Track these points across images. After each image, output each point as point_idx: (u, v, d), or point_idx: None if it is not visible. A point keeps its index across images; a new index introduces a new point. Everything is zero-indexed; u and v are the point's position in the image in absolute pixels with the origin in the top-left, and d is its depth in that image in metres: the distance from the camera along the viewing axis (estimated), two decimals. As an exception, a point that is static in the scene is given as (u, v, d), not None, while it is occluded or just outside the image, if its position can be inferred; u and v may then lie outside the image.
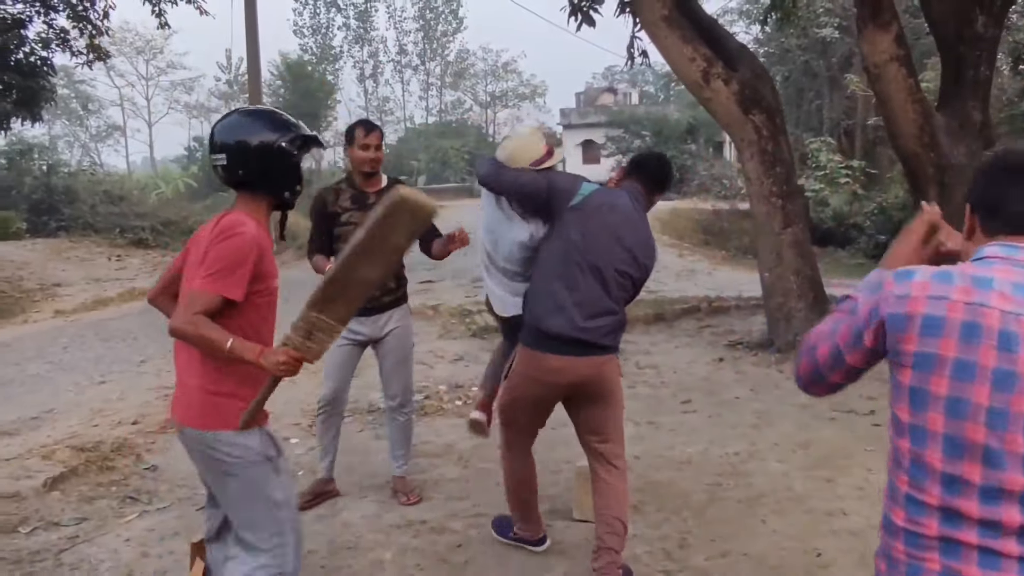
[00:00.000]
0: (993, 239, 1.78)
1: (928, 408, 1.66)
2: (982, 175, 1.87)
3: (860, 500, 4.77)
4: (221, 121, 2.95)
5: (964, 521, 1.63)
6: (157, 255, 18.18)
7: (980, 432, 1.60)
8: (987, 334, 1.61)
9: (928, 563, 1.67)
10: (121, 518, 4.76)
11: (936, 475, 1.65)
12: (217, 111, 62.43)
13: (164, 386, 7.18)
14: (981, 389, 1.61)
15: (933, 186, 7.96)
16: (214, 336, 2.65)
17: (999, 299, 1.62)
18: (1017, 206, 1.76)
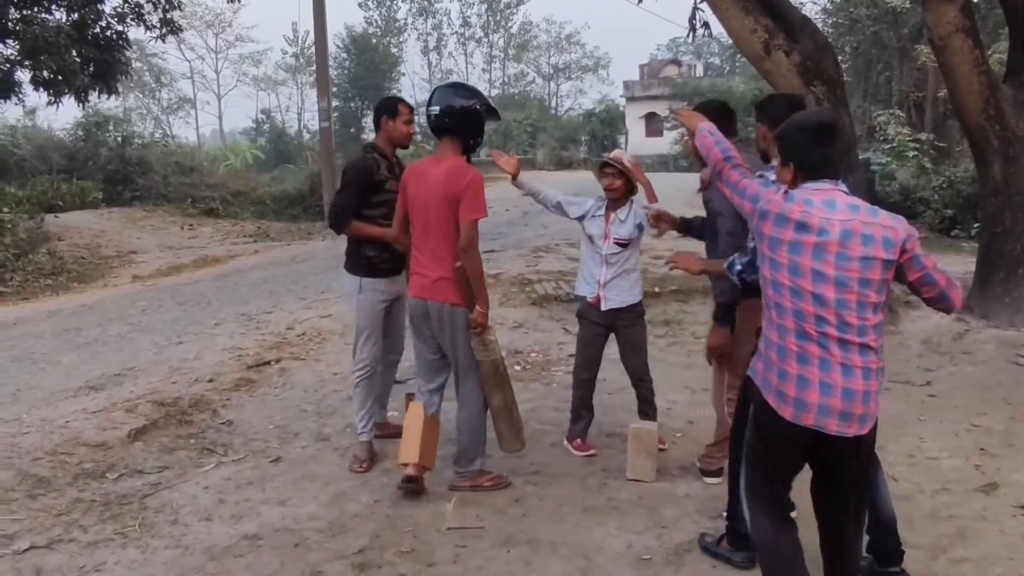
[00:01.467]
0: (804, 182, 2.96)
1: (779, 269, 2.91)
2: (789, 136, 3.03)
3: (910, 467, 4.86)
4: (441, 86, 4.49)
5: (803, 336, 2.85)
6: (228, 224, 18.66)
7: (808, 283, 2.83)
8: (812, 228, 2.83)
9: (788, 367, 2.90)
10: (199, 468, 5.07)
11: (788, 310, 2.88)
12: (284, 84, 63.41)
13: (237, 347, 7.50)
14: (805, 258, 2.84)
15: (998, 158, 7.88)
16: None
17: (818, 210, 2.85)
18: (816, 167, 2.95)
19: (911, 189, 17.17)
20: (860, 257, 2.78)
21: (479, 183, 4.26)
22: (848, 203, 2.87)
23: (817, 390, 2.82)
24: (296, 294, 9.91)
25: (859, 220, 2.82)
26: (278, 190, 23.18)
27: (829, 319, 2.80)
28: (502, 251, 11.91)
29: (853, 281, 2.79)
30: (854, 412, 2.82)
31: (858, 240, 2.79)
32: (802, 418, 2.85)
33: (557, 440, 5.43)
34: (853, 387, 2.81)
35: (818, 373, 2.82)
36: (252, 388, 6.50)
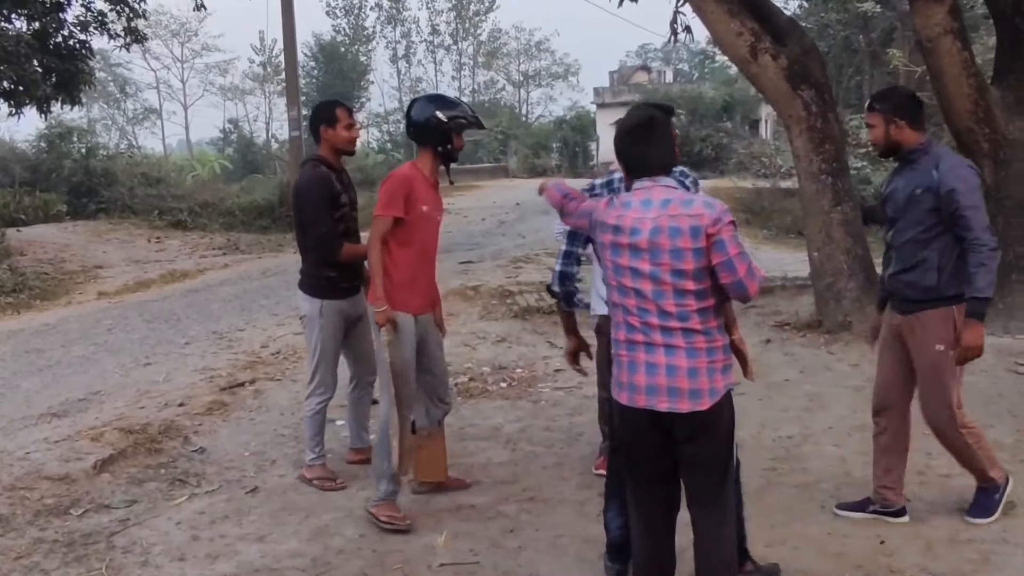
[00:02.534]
0: (634, 183, 3.06)
1: (605, 270, 3.07)
2: (616, 137, 3.11)
3: (922, 486, 4.65)
4: (416, 99, 4.57)
5: (631, 328, 2.97)
6: (196, 237, 18.23)
7: (628, 280, 2.95)
8: (624, 229, 2.95)
9: (621, 355, 3.02)
10: (171, 501, 4.76)
11: (619, 308, 3.02)
12: (252, 93, 62.83)
13: (209, 368, 7.18)
14: (624, 257, 2.95)
15: (988, 162, 7.72)
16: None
17: (633, 212, 2.95)
18: (634, 165, 3.06)
19: (887, 193, 17.13)
20: (670, 251, 2.88)
21: (389, 181, 4.34)
22: (663, 198, 2.95)
23: (644, 372, 2.95)
24: (269, 309, 9.58)
25: (667, 215, 2.90)
26: (247, 201, 22.74)
27: (650, 309, 2.93)
28: (480, 262, 11.66)
29: (666, 274, 2.89)
30: (681, 387, 2.90)
31: (666, 235, 2.88)
32: (636, 400, 2.96)
33: (549, 463, 5.16)
34: (676, 364, 2.91)
35: (643, 356, 2.95)
36: (226, 412, 6.18)
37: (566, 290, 3.74)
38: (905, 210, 4.06)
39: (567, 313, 3.86)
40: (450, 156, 4.49)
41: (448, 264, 11.77)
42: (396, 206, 4.25)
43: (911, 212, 4.03)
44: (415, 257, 4.39)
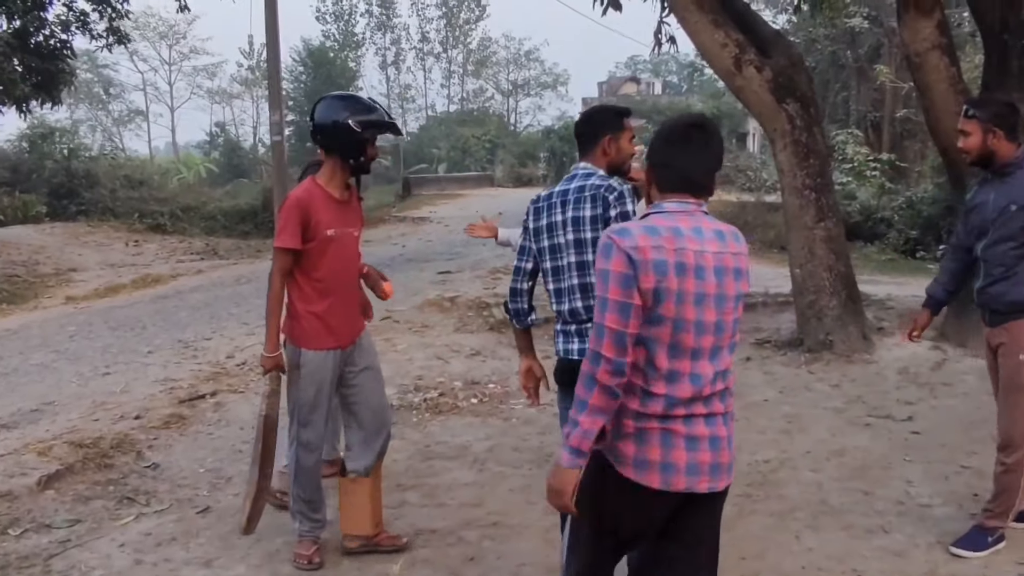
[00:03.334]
0: (666, 196, 2.45)
1: (659, 325, 2.31)
2: (655, 140, 2.51)
3: (901, 516, 4.46)
4: (320, 99, 3.92)
5: (673, 401, 2.35)
6: (175, 241, 18.01)
7: (690, 339, 2.33)
8: (688, 269, 2.31)
9: (650, 430, 2.36)
10: (117, 520, 4.53)
11: (662, 372, 2.34)
12: (239, 97, 62.57)
13: (170, 378, 6.94)
14: (689, 308, 2.31)
15: (974, 179, 7.58)
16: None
17: (690, 242, 2.33)
18: (681, 171, 2.44)
19: (872, 209, 17.04)
20: (735, 297, 2.48)
21: (287, 206, 3.79)
22: (715, 229, 2.47)
23: (683, 447, 2.44)
24: (239, 318, 9.34)
25: (729, 252, 2.47)
26: (230, 205, 22.55)
27: (704, 374, 2.48)
28: (459, 272, 11.46)
29: (729, 326, 2.50)
30: (723, 462, 2.48)
31: (731, 277, 2.46)
32: (673, 483, 2.42)
33: (517, 485, 4.96)
34: (718, 434, 2.48)
35: (683, 429, 2.43)
36: (183, 426, 5.95)
37: (517, 307, 3.54)
38: (997, 224, 3.94)
39: (519, 331, 3.65)
40: (362, 168, 3.90)
41: (426, 274, 11.60)
42: (290, 236, 3.72)
43: (1004, 227, 3.92)
44: (327, 287, 3.84)
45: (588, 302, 3.27)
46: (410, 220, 20.88)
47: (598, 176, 3.36)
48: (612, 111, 3.59)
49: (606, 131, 3.46)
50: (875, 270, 13.09)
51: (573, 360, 3.34)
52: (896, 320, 8.57)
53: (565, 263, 3.33)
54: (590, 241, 3.25)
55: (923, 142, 20.56)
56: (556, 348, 3.44)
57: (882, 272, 12.94)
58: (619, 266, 2.30)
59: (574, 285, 3.31)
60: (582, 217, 3.28)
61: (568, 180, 3.41)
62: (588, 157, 3.45)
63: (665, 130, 2.53)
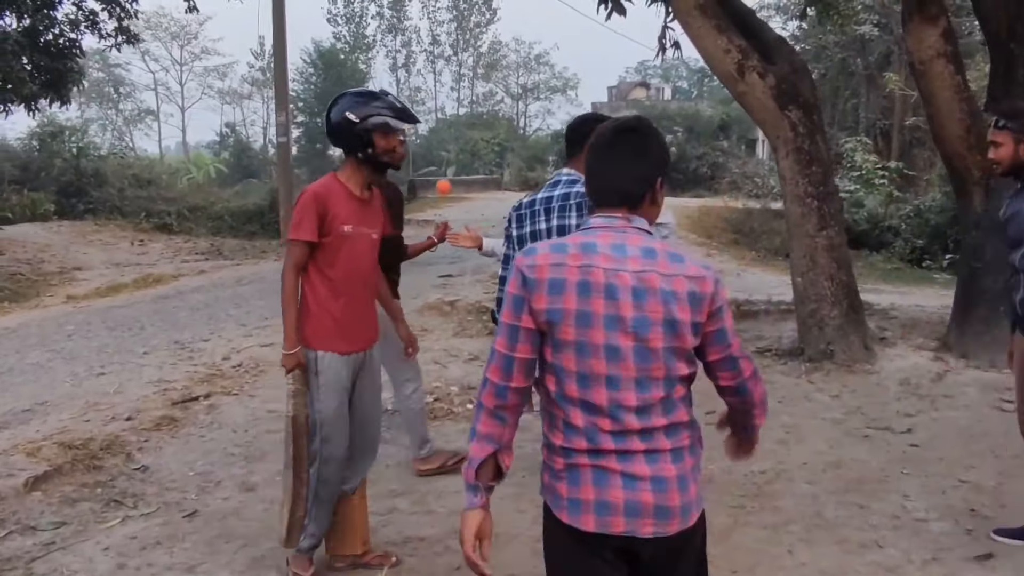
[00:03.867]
0: (599, 210, 2.22)
1: (562, 351, 2.10)
2: (587, 152, 2.27)
3: (896, 531, 4.40)
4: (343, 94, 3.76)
5: (594, 433, 2.09)
6: (180, 240, 18.00)
7: (601, 365, 2.07)
8: (595, 288, 2.06)
9: (580, 467, 2.10)
10: (102, 523, 4.50)
11: (576, 402, 2.10)
12: (249, 98, 62.71)
13: (164, 379, 6.91)
14: (597, 332, 2.06)
15: (979, 189, 7.52)
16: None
17: (603, 259, 2.09)
18: (608, 185, 2.20)
19: (879, 217, 16.96)
20: (665, 322, 2.14)
21: (304, 198, 3.65)
22: (643, 246, 2.17)
23: (620, 486, 2.15)
24: (237, 319, 9.31)
25: (657, 271, 2.15)
26: (237, 205, 22.56)
27: (627, 405, 2.17)
28: (460, 276, 11.42)
29: (658, 354, 2.16)
30: (671, 505, 2.15)
31: (658, 299, 2.13)
32: (610, 525, 2.14)
33: (508, 493, 4.88)
34: (663, 474, 2.16)
35: (617, 465, 2.15)
36: (175, 428, 5.91)
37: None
38: None
39: None
40: (376, 162, 3.70)
41: (427, 277, 11.54)
42: (307, 228, 3.57)
43: None
44: (340, 286, 3.68)
45: None
46: (415, 223, 20.78)
47: (583, 183, 3.30)
48: (601, 120, 3.57)
49: None
50: (880, 279, 13.01)
51: None
52: (899, 330, 8.50)
53: None
54: None
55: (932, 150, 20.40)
56: None
57: (887, 281, 12.86)
58: (513, 287, 2.14)
59: None
60: (568, 226, 3.21)
61: (551, 186, 3.35)
62: (575, 163, 3.39)
63: (593, 138, 2.26)
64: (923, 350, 7.78)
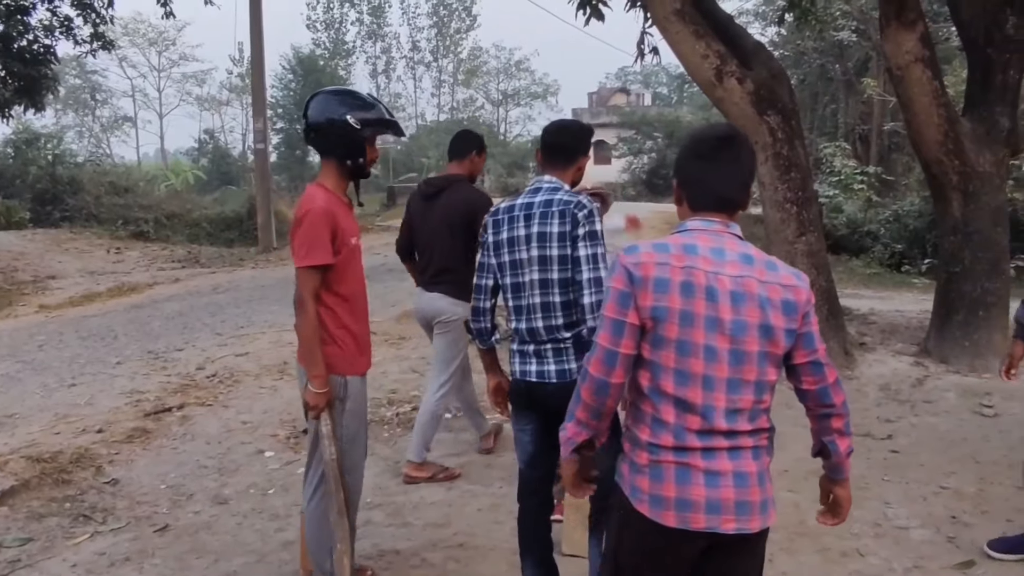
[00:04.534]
0: (696, 214, 2.29)
1: (662, 348, 2.15)
2: (684, 156, 2.35)
3: (878, 539, 4.36)
4: (318, 93, 3.51)
5: (682, 432, 2.16)
6: (157, 248, 17.82)
7: (699, 365, 2.14)
8: (697, 289, 2.13)
9: (664, 464, 2.17)
10: (71, 539, 4.39)
11: (670, 399, 2.16)
12: (228, 104, 62.41)
13: (137, 390, 6.79)
14: (698, 332, 2.13)
15: (957, 195, 7.52)
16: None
17: (703, 262, 2.16)
18: (711, 191, 2.27)
19: (859, 222, 17.01)
20: (760, 327, 2.23)
21: (313, 218, 3.29)
22: (741, 252, 2.27)
23: (702, 482, 2.23)
24: (212, 328, 9.19)
25: (755, 277, 2.25)
26: (215, 212, 22.37)
27: (718, 406, 2.25)
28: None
29: (753, 358, 2.25)
30: (752, 500, 2.23)
31: (756, 304, 2.24)
32: (691, 521, 2.20)
33: (486, 504, 4.83)
34: (745, 469, 2.25)
35: (701, 463, 2.23)
36: (147, 440, 5.80)
37: (480, 326, 3.41)
38: None
39: (484, 351, 3.52)
40: (361, 172, 3.53)
41: (406, 284, 11.40)
42: (323, 251, 3.29)
43: None
44: (353, 303, 3.47)
45: (550, 322, 3.14)
46: (393, 229, 20.66)
47: (565, 191, 3.23)
48: (590, 131, 3.55)
49: (585, 151, 3.42)
50: (859, 284, 13.03)
51: (530, 382, 3.22)
52: (878, 335, 8.49)
53: (527, 280, 3.19)
54: (556, 258, 3.12)
55: (910, 155, 20.53)
56: (511, 368, 3.31)
57: (866, 286, 12.88)
58: (619, 283, 2.19)
59: (535, 304, 3.18)
60: (549, 233, 3.15)
61: (532, 193, 3.28)
62: (557, 171, 3.32)
63: (693, 144, 2.35)
64: (903, 355, 7.77)
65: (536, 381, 3.20)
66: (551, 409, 3.08)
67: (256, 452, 5.63)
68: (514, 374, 3.29)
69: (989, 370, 7.20)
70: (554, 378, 3.17)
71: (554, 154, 3.36)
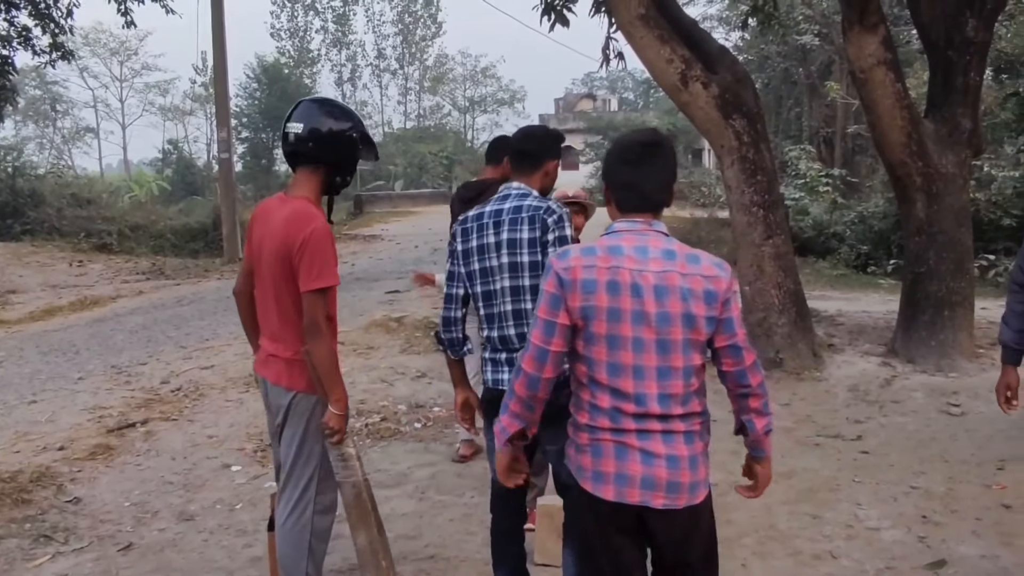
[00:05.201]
0: (623, 215, 2.48)
1: (594, 343, 2.36)
2: (611, 161, 2.54)
3: (850, 540, 4.36)
4: (307, 100, 3.37)
5: (617, 414, 2.36)
6: (121, 261, 17.53)
7: (629, 356, 2.34)
8: (623, 287, 2.33)
9: (603, 442, 2.38)
10: (31, 561, 4.27)
11: (605, 388, 2.37)
12: (192, 114, 61.87)
13: (100, 406, 6.66)
14: (625, 326, 2.33)
15: (921, 196, 7.59)
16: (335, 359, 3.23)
17: (628, 261, 2.36)
18: (631, 195, 2.48)
19: (824, 224, 17.13)
20: (683, 316, 2.45)
21: (323, 237, 3.14)
22: (663, 248, 2.46)
23: (639, 460, 2.42)
24: (177, 341, 9.04)
25: (677, 271, 2.43)
26: (180, 223, 22.05)
27: (649, 393, 2.48)
28: (407, 292, 11.24)
29: (677, 347, 2.48)
30: (682, 481, 2.41)
31: (677, 297, 2.45)
32: (626, 495, 2.39)
33: (457, 515, 4.78)
34: (677, 453, 2.44)
35: (636, 443, 2.43)
36: (110, 457, 5.67)
37: (451, 337, 3.36)
38: None
39: (453, 362, 3.46)
40: (344, 187, 3.45)
41: (374, 293, 11.39)
42: (334, 270, 3.20)
43: None
44: (335, 321, 3.35)
45: (521, 329, 3.09)
46: (361, 238, 20.62)
47: (534, 197, 3.20)
48: (558, 137, 3.48)
49: (552, 156, 3.35)
50: (826, 285, 13.11)
51: (503, 391, 3.18)
52: (846, 336, 8.54)
53: (498, 287, 3.15)
54: (527, 264, 3.08)
55: (874, 157, 20.74)
56: (484, 377, 3.26)
57: (833, 287, 12.96)
58: (550, 287, 2.38)
59: (507, 311, 3.14)
60: (519, 239, 3.11)
61: (501, 199, 3.24)
62: (524, 177, 3.29)
63: (620, 150, 2.54)
64: (871, 356, 7.82)
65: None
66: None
67: (222, 467, 5.54)
68: (487, 382, 3.24)
69: (956, 369, 7.27)
70: None
71: (520, 160, 3.33)
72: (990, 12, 7.64)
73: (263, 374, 3.38)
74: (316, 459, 3.32)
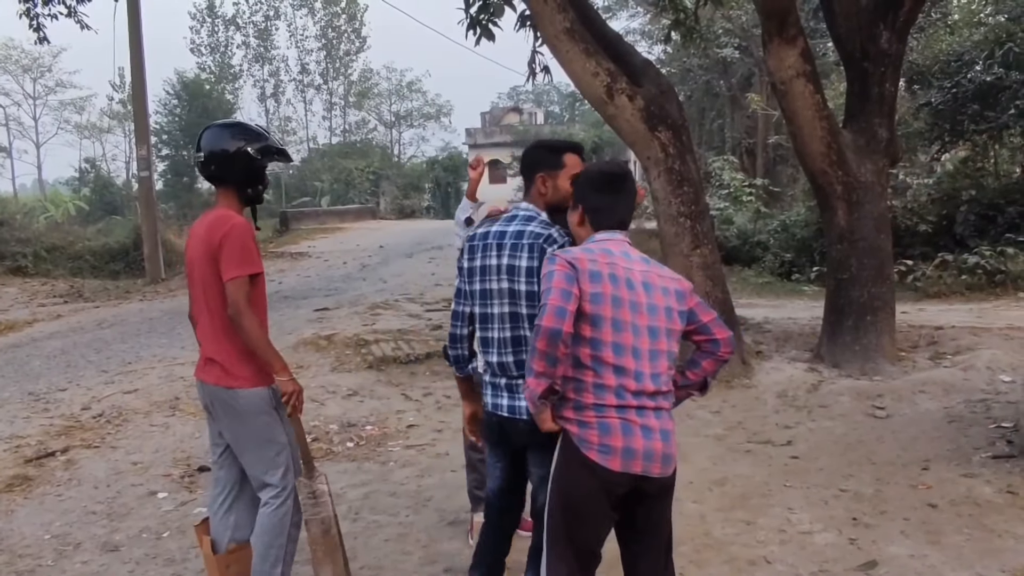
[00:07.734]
0: (599, 232, 2.92)
1: (602, 326, 2.72)
2: (588, 189, 2.97)
3: (783, 545, 4.40)
4: (211, 125, 3.62)
5: (627, 393, 2.73)
6: (37, 283, 16.98)
7: (629, 338, 2.74)
8: (620, 279, 2.76)
9: (610, 420, 2.73)
10: (-58, 602, 4.07)
11: (610, 367, 2.72)
12: (110, 131, 60.36)
13: (17, 435, 6.40)
14: (625, 311, 2.74)
15: (842, 204, 7.77)
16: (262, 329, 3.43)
17: (620, 260, 2.81)
18: (607, 216, 2.93)
19: (749, 233, 17.45)
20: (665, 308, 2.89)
21: (241, 231, 3.37)
22: (639, 255, 2.95)
23: (640, 435, 2.80)
24: (98, 366, 8.75)
25: (655, 272, 2.93)
26: (99, 244, 21.42)
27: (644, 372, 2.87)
28: (337, 309, 11.11)
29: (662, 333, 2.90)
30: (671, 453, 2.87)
31: (659, 292, 2.90)
32: (631, 466, 2.76)
33: (393, 535, 4.70)
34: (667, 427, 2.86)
35: (637, 419, 2.81)
36: (28, 488, 5.45)
37: (457, 353, 3.31)
38: None
39: (460, 378, 3.41)
40: (259, 198, 3.65)
41: (303, 311, 11.21)
42: (256, 259, 3.42)
43: None
44: (264, 322, 3.52)
45: (519, 356, 3.05)
46: (288, 255, 20.30)
47: (539, 222, 3.13)
48: (547, 147, 3.32)
49: (540, 169, 3.22)
50: (753, 293, 13.35)
51: (502, 416, 3.13)
52: (773, 343, 8.69)
53: (496, 312, 3.11)
54: (524, 293, 3.03)
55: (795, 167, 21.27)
56: (484, 400, 3.22)
57: (759, 295, 13.20)
58: (563, 267, 2.72)
59: (506, 338, 3.09)
60: (518, 267, 3.06)
61: (508, 220, 3.19)
62: (528, 197, 3.26)
63: (597, 180, 2.97)
64: (797, 362, 7.97)
65: (507, 416, 3.12)
66: (522, 446, 3.14)
67: (148, 494, 5.37)
68: (486, 406, 3.22)
69: (879, 372, 7.45)
70: (525, 415, 3.03)
71: (523, 176, 3.33)
72: (903, 25, 7.88)
73: (203, 379, 3.50)
74: (279, 447, 3.49)
